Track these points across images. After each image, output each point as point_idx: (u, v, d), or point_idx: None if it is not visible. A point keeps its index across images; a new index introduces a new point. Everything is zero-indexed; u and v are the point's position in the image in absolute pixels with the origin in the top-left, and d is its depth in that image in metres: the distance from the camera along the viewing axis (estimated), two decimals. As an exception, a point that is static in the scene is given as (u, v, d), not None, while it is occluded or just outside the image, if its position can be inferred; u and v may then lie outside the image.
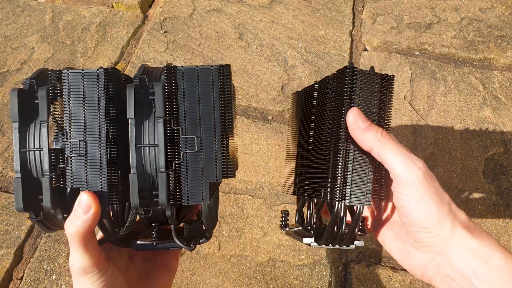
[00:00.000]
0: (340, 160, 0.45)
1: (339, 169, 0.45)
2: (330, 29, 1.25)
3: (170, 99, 0.42)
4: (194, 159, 0.42)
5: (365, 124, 0.44)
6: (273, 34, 1.23)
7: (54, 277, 0.82)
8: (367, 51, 1.21)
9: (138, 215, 0.45)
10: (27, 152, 0.42)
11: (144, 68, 0.45)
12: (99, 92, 0.41)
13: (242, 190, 0.94)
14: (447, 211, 0.41)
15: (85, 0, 1.34)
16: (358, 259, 0.86)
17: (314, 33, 1.24)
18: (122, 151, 0.43)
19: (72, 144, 0.41)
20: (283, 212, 0.53)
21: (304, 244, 0.60)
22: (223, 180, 0.52)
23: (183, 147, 0.42)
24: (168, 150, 0.42)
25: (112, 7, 1.32)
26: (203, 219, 0.45)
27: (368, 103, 0.46)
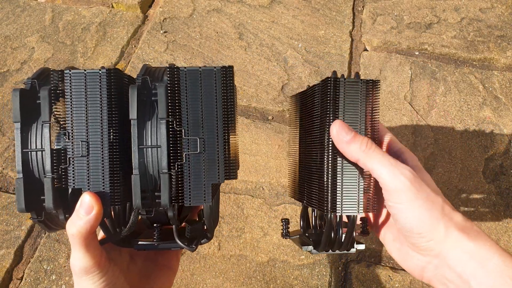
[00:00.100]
0: (327, 173, 0.46)
1: (327, 181, 0.46)
2: (330, 29, 1.25)
3: (173, 100, 0.42)
4: (197, 160, 0.42)
5: (348, 136, 0.44)
6: (273, 34, 1.23)
7: (54, 277, 0.82)
8: (367, 51, 1.21)
9: (139, 216, 0.45)
10: (29, 153, 0.42)
11: (146, 68, 0.44)
12: (101, 92, 0.41)
13: (242, 190, 0.94)
14: (439, 215, 0.41)
15: (85, 0, 1.34)
16: (358, 259, 0.86)
17: (314, 33, 1.24)
18: (124, 151, 0.43)
19: (74, 145, 0.41)
20: (283, 221, 0.53)
21: None
22: (223, 180, 0.52)
23: (186, 148, 0.42)
24: (170, 151, 0.42)
25: (112, 7, 1.32)
26: (204, 219, 0.45)
27: (353, 112, 0.46)
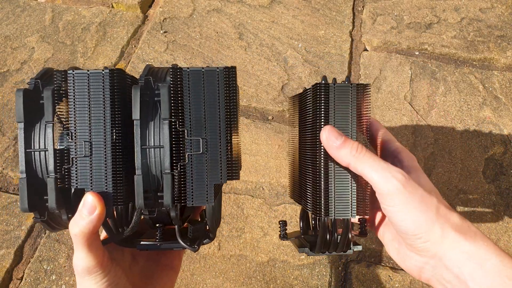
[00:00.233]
0: (320, 177, 0.46)
1: (320, 185, 0.46)
2: (330, 29, 1.25)
3: (176, 100, 0.42)
4: (199, 161, 0.42)
5: (338, 141, 0.44)
6: (273, 34, 1.23)
7: (54, 277, 0.82)
8: (367, 51, 1.21)
9: (142, 216, 0.45)
10: (32, 153, 0.42)
11: (149, 68, 0.45)
12: (105, 92, 0.41)
13: (242, 190, 0.94)
14: (434, 217, 0.41)
15: (85, 0, 1.34)
16: (358, 259, 0.86)
17: (314, 33, 1.24)
18: (127, 152, 0.43)
19: (77, 145, 0.41)
20: (281, 223, 0.53)
21: None
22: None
23: (188, 148, 0.42)
24: (173, 151, 0.42)
25: (112, 7, 1.32)
26: (207, 220, 0.46)
27: (344, 116, 0.46)
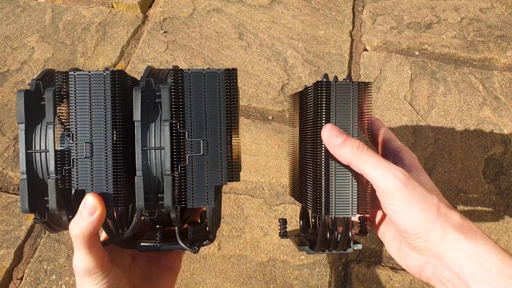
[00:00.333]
0: (321, 175, 0.46)
1: (321, 184, 0.46)
2: (330, 29, 1.25)
3: (177, 102, 0.42)
4: (200, 162, 0.42)
5: (339, 139, 0.44)
6: (273, 34, 1.23)
7: (54, 277, 0.82)
8: (367, 51, 1.21)
9: (142, 217, 0.45)
10: (33, 154, 0.42)
11: (150, 70, 0.45)
12: (106, 94, 0.41)
13: (242, 190, 0.94)
14: (435, 216, 0.41)
15: (85, 0, 1.34)
16: (358, 259, 0.86)
17: (314, 33, 1.24)
18: (128, 153, 0.43)
19: (78, 146, 0.41)
20: (281, 221, 0.53)
21: None
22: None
23: (189, 150, 0.42)
24: (174, 153, 0.42)
25: (112, 7, 1.32)
26: (207, 221, 0.46)
27: (345, 115, 0.45)
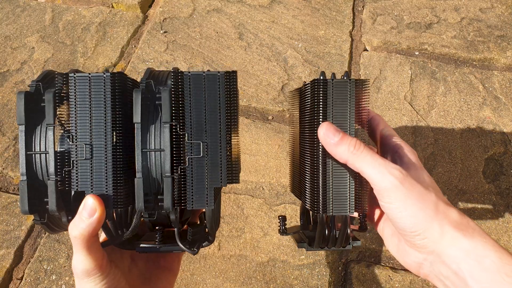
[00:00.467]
0: (318, 174, 0.45)
1: (318, 182, 0.45)
2: (330, 29, 1.25)
3: (177, 104, 0.42)
4: (199, 164, 0.42)
5: (336, 138, 0.43)
6: (273, 34, 1.23)
7: (54, 277, 0.82)
8: (367, 51, 1.21)
9: (142, 218, 0.45)
10: (33, 155, 0.42)
11: (150, 72, 0.45)
12: (106, 96, 0.41)
13: (242, 190, 0.94)
14: (433, 214, 0.41)
15: (85, 0, 1.34)
16: (358, 259, 0.86)
17: (314, 33, 1.24)
18: (128, 155, 0.43)
19: (78, 148, 0.41)
20: (280, 217, 0.53)
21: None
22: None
23: (189, 152, 0.42)
24: (173, 154, 0.42)
25: (112, 7, 1.32)
26: (206, 223, 0.46)
27: (342, 113, 0.45)
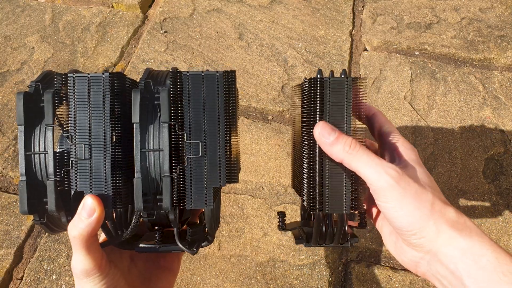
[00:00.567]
0: (314, 173, 0.45)
1: (314, 181, 0.45)
2: (330, 29, 1.25)
3: (175, 104, 0.42)
4: (198, 164, 0.42)
5: (331, 137, 0.43)
6: (273, 34, 1.23)
7: (54, 277, 0.82)
8: (367, 51, 1.21)
9: (141, 218, 0.45)
10: (32, 155, 0.42)
11: (149, 72, 0.45)
12: (104, 96, 0.41)
13: (242, 190, 0.94)
14: (429, 213, 0.41)
15: (85, 0, 1.34)
16: (358, 259, 0.86)
17: (314, 33, 1.24)
18: (127, 155, 0.43)
19: (77, 148, 0.41)
20: (280, 214, 0.53)
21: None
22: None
23: (188, 152, 0.42)
24: (172, 154, 0.42)
25: (112, 7, 1.32)
26: (205, 222, 0.46)
27: (339, 111, 0.45)
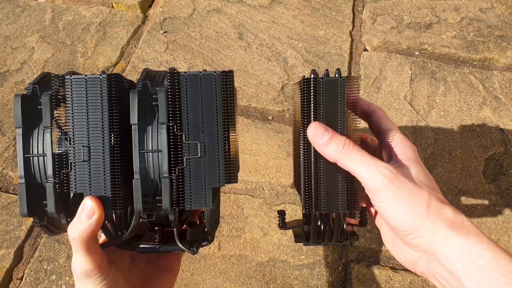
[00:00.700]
0: (310, 173, 0.45)
1: (310, 181, 0.45)
2: (330, 29, 1.25)
3: (173, 104, 0.42)
4: (197, 165, 0.42)
5: (325, 137, 0.43)
6: (273, 34, 1.23)
7: (54, 277, 0.82)
8: (367, 51, 1.21)
9: (141, 219, 0.45)
10: (31, 158, 0.42)
11: (146, 72, 0.45)
12: (102, 97, 0.41)
13: (242, 190, 0.94)
14: (424, 213, 0.40)
15: (85, 0, 1.34)
16: (358, 259, 0.86)
17: (314, 33, 1.24)
18: (126, 156, 0.43)
19: (76, 150, 0.41)
20: (280, 212, 0.53)
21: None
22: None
23: (186, 152, 0.42)
24: (171, 155, 0.42)
25: (112, 7, 1.32)
26: (205, 222, 0.46)
27: (332, 111, 0.45)
